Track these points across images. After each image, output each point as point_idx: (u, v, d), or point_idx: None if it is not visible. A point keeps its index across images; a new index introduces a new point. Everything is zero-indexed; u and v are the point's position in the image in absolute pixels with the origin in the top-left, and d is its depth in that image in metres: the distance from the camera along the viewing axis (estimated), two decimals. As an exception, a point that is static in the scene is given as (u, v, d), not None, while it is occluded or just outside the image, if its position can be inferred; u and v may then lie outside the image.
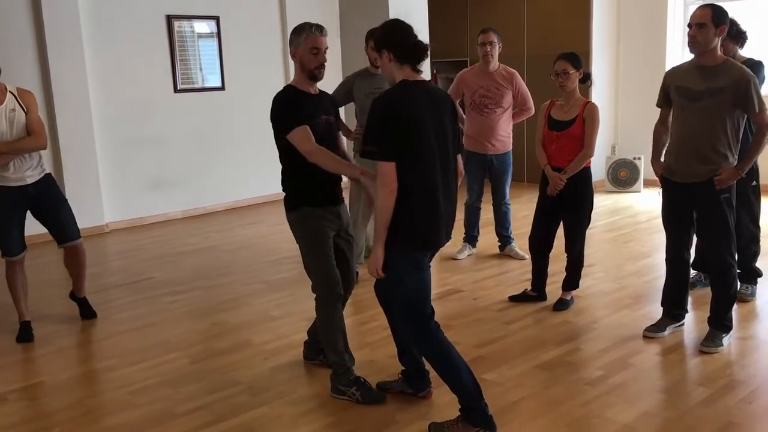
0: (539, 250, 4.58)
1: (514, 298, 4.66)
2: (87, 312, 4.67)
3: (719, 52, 3.59)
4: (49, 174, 4.40)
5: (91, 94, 7.06)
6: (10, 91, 4.11)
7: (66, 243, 4.46)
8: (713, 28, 3.46)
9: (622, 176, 8.26)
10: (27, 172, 4.20)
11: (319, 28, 3.27)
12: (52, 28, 6.73)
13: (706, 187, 3.61)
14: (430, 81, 2.96)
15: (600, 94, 8.35)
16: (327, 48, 3.29)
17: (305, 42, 3.24)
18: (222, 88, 8.08)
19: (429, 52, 2.89)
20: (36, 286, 5.04)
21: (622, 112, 8.79)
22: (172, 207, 7.81)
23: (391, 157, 2.73)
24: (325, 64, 3.30)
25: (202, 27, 7.91)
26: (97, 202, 7.19)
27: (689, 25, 3.54)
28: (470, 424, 2.89)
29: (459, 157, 3.03)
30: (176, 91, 7.71)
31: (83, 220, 6.81)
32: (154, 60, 7.52)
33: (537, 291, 4.63)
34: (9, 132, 4.07)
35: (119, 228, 7.37)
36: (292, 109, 3.22)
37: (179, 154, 7.81)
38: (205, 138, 7.99)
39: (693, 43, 3.54)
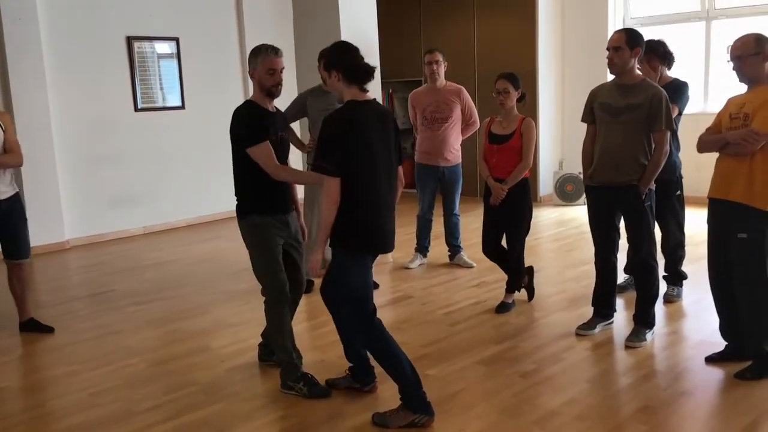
0: (496, 258, 4.87)
1: (499, 309, 4.72)
2: (43, 327, 4.70)
3: (636, 71, 3.95)
4: (18, 192, 4.56)
5: (51, 113, 7.20)
6: None
7: (17, 260, 4.59)
8: (628, 50, 3.83)
9: (569, 190, 8.63)
10: (1, 188, 4.38)
11: (275, 50, 3.52)
12: (13, 47, 6.88)
13: (627, 194, 3.95)
14: (374, 99, 3.25)
15: (546, 111, 8.78)
16: (283, 68, 3.53)
17: (262, 63, 3.48)
18: (182, 107, 8.28)
19: (374, 74, 3.16)
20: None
21: (567, 129, 9.18)
22: (132, 224, 7.95)
23: (337, 173, 3.00)
24: (282, 82, 3.54)
25: (163, 47, 8.11)
26: (58, 218, 7.30)
27: (607, 48, 3.90)
28: (410, 411, 3.15)
29: (400, 168, 3.29)
30: (137, 110, 7.89)
31: (44, 237, 6.99)
32: (115, 80, 7.70)
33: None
34: None
35: (80, 244, 7.48)
36: (255, 123, 3.44)
37: (140, 172, 7.96)
38: (165, 156, 8.16)
39: (611, 65, 3.91)
